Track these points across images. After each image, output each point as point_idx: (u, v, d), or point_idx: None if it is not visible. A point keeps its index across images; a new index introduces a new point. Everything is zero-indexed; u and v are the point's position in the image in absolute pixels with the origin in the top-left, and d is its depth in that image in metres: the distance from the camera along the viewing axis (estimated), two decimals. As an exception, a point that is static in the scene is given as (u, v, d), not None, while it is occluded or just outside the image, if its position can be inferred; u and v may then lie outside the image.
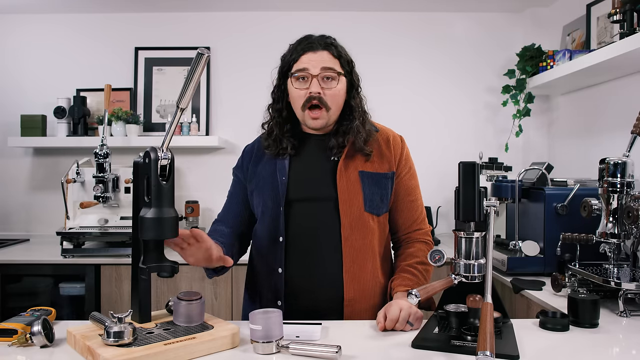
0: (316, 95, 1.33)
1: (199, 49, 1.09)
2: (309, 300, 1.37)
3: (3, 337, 1.14)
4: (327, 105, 1.35)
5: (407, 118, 3.00)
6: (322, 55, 1.35)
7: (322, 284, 1.36)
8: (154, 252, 1.16)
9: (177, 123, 1.16)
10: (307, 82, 1.35)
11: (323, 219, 1.37)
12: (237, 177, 1.52)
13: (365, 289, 1.38)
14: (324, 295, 1.36)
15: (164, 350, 1.01)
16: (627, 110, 2.17)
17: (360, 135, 1.38)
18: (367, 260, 1.38)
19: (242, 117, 2.99)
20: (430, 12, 3.02)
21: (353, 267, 1.36)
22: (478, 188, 1.13)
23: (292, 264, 1.37)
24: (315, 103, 1.35)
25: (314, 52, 1.35)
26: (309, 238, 1.37)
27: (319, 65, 1.34)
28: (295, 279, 1.37)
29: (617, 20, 1.94)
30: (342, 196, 1.37)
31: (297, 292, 1.37)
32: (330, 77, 1.35)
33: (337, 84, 1.36)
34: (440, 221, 2.97)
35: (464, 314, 1.18)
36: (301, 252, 1.37)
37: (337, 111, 1.40)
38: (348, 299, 1.36)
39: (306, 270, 1.37)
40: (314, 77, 1.34)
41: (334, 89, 1.35)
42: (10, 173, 3.05)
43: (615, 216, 1.53)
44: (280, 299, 1.37)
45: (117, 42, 3.05)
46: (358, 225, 1.37)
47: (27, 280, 2.49)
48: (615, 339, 1.23)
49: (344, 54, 1.40)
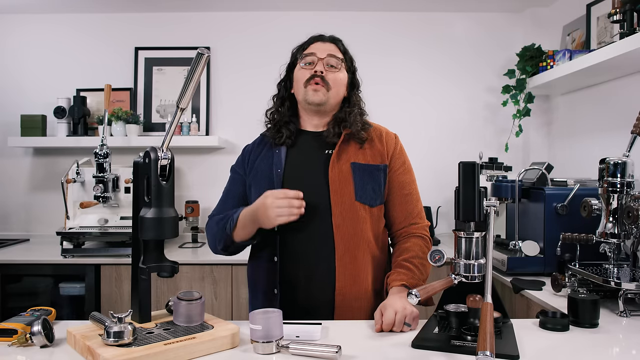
0: (320, 74, 1.44)
1: (199, 49, 1.09)
2: (304, 289, 1.40)
3: (3, 337, 1.14)
4: (329, 84, 1.45)
5: (406, 118, 3.00)
6: (329, 46, 1.48)
7: (315, 272, 1.39)
8: (154, 252, 1.16)
9: (177, 123, 1.16)
10: (313, 65, 1.46)
11: (315, 209, 1.40)
12: (236, 173, 1.55)
13: (357, 278, 1.40)
14: (319, 282, 1.39)
15: (164, 350, 1.01)
16: (627, 110, 2.17)
17: (356, 122, 1.46)
18: (359, 249, 1.41)
19: (242, 117, 2.99)
20: (429, 12, 3.02)
21: (345, 255, 1.39)
22: (478, 188, 1.13)
23: (287, 253, 1.41)
24: (317, 80, 1.43)
25: (323, 42, 1.49)
26: (301, 227, 1.39)
27: (326, 51, 1.46)
28: (290, 268, 1.41)
29: (617, 20, 1.94)
30: (334, 186, 1.41)
31: (292, 280, 1.40)
32: (335, 64, 1.46)
33: (339, 71, 1.47)
34: (440, 221, 2.97)
35: (464, 314, 1.18)
36: (295, 241, 1.41)
37: (337, 96, 1.48)
38: (340, 286, 1.38)
39: (300, 258, 1.40)
40: (320, 60, 1.45)
41: (337, 73, 1.47)
42: (10, 173, 3.05)
43: (615, 216, 1.53)
44: (276, 287, 1.40)
45: (117, 42, 3.05)
46: (349, 215, 1.40)
47: (27, 280, 2.49)
48: (615, 339, 1.23)
49: (349, 54, 1.53)
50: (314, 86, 1.43)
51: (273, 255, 1.41)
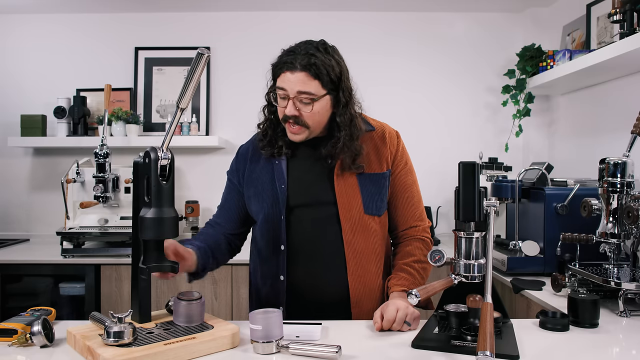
0: (291, 116, 1.32)
1: (199, 49, 1.09)
2: (314, 305, 1.37)
3: (3, 337, 1.14)
4: (305, 124, 1.33)
5: (406, 118, 3.00)
6: (299, 77, 1.28)
7: (326, 288, 1.37)
8: (154, 252, 1.16)
9: (177, 123, 1.16)
10: (285, 101, 1.32)
11: (324, 224, 1.37)
12: (231, 182, 1.51)
13: (371, 290, 1.39)
14: (330, 298, 1.37)
15: (164, 350, 1.01)
16: (627, 110, 2.17)
17: (347, 155, 1.35)
18: (370, 262, 1.39)
19: (242, 117, 2.98)
20: (430, 12, 3.02)
21: (357, 270, 1.37)
22: (478, 188, 1.13)
23: (295, 271, 1.38)
24: (291, 124, 1.34)
25: (292, 73, 1.29)
26: (311, 244, 1.36)
27: (295, 88, 1.29)
28: (298, 286, 1.38)
29: (617, 20, 1.94)
30: (341, 200, 1.37)
31: (300, 299, 1.37)
32: (306, 101, 1.30)
33: (311, 107, 1.31)
34: (440, 221, 2.97)
35: (464, 314, 1.18)
36: (304, 258, 1.37)
37: (319, 127, 1.37)
38: (355, 301, 1.36)
39: (309, 276, 1.37)
40: (291, 99, 1.31)
41: (310, 111, 1.32)
42: (10, 173, 3.05)
43: (615, 216, 1.53)
44: (282, 305, 1.37)
45: (117, 42, 3.05)
46: (359, 229, 1.37)
47: (27, 280, 2.49)
48: (615, 339, 1.23)
49: (327, 71, 1.30)
50: (290, 128, 1.34)
51: (280, 273, 1.38)
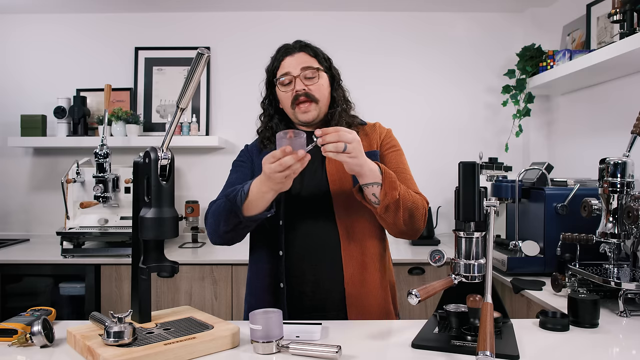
0: (302, 92, 1.41)
1: (199, 49, 1.09)
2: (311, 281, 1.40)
3: (3, 337, 1.14)
4: (315, 97, 1.43)
5: (406, 118, 3.00)
6: (300, 56, 1.44)
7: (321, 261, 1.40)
8: (154, 252, 1.16)
9: (177, 123, 1.16)
10: (291, 84, 1.43)
11: (316, 201, 1.41)
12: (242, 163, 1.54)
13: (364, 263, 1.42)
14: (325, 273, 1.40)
15: (164, 350, 1.01)
16: (627, 110, 2.17)
17: (341, 121, 1.45)
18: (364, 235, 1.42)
19: (242, 117, 2.98)
20: (430, 12, 3.02)
21: (350, 245, 1.40)
22: (478, 188, 1.13)
23: (292, 246, 1.41)
24: (302, 99, 1.42)
25: (292, 56, 1.44)
26: (306, 219, 1.41)
27: (299, 65, 1.42)
28: (296, 260, 1.41)
29: (617, 20, 1.94)
30: (332, 177, 1.42)
31: (298, 273, 1.41)
32: (311, 75, 1.43)
33: (318, 79, 1.44)
34: (440, 221, 2.97)
35: (464, 314, 1.18)
36: (299, 234, 1.42)
37: (326, 102, 1.47)
38: (348, 274, 1.40)
39: (306, 250, 1.41)
40: (297, 77, 1.42)
41: (318, 81, 1.44)
42: (10, 173, 3.05)
43: (615, 216, 1.53)
44: (282, 281, 1.40)
45: (117, 42, 3.05)
46: (351, 204, 1.41)
47: (27, 280, 2.49)
48: (615, 339, 1.23)
49: (320, 52, 1.49)
50: (301, 107, 1.42)
51: (279, 249, 1.42)
